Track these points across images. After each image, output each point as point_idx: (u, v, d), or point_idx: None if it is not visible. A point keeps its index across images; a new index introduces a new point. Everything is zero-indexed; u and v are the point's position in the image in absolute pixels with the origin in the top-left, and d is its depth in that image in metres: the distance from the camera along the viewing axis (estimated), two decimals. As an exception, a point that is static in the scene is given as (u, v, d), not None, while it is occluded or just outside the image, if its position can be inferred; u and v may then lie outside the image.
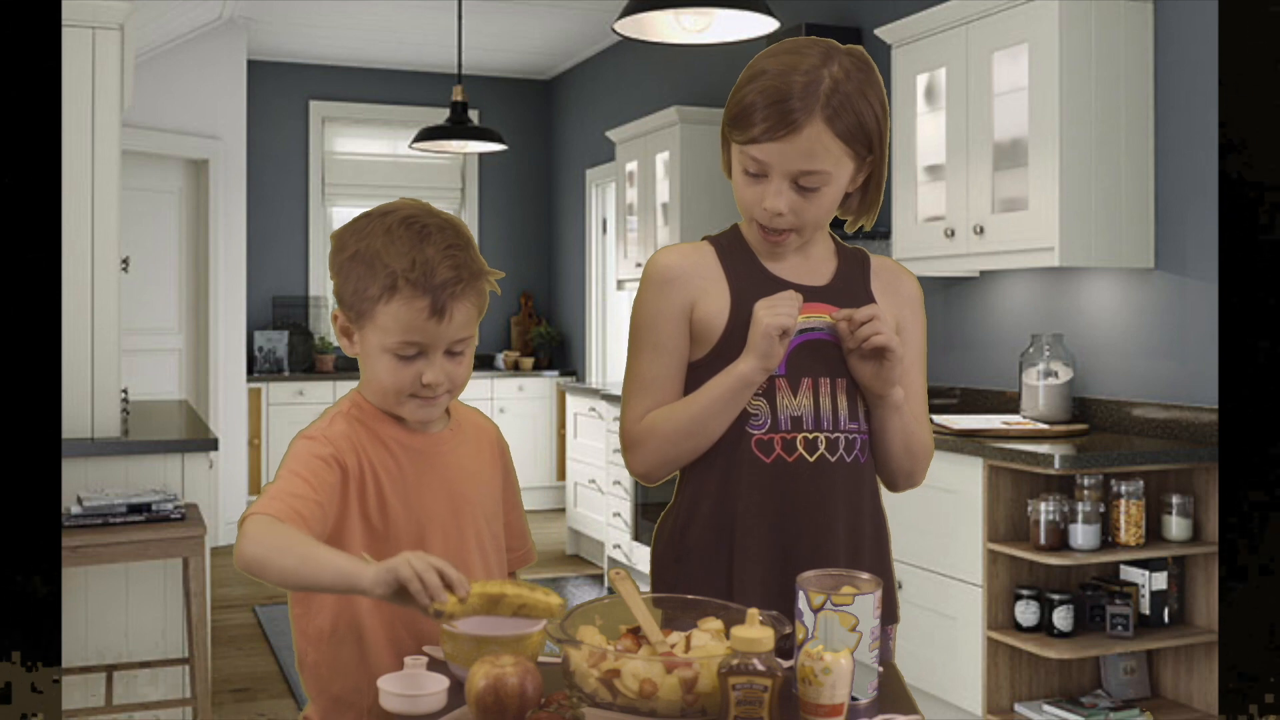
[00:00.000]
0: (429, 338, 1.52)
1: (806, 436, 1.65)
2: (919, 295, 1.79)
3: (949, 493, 3.52)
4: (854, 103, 1.60)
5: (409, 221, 1.53)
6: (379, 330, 1.52)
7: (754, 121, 1.60)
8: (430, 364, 1.53)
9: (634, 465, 1.72)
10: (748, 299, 1.66)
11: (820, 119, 1.59)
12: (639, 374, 1.72)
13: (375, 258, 1.51)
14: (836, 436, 1.66)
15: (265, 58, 7.97)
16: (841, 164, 1.63)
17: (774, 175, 1.62)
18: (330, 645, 1.54)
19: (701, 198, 5.83)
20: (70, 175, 3.75)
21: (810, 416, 1.65)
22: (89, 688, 3.71)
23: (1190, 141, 3.56)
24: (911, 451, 1.72)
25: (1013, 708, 3.41)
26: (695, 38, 3.02)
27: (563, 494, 8.02)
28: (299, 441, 1.52)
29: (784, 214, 1.63)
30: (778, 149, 1.60)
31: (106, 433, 3.81)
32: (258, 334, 7.74)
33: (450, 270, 1.51)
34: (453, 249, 1.53)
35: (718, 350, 1.67)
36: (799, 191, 1.62)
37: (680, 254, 1.73)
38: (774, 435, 1.64)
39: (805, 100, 1.58)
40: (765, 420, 1.65)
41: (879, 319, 1.61)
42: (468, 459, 1.64)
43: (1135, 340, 3.74)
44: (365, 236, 1.54)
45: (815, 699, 1.26)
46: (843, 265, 1.74)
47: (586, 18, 7.10)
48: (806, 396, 1.65)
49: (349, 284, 1.54)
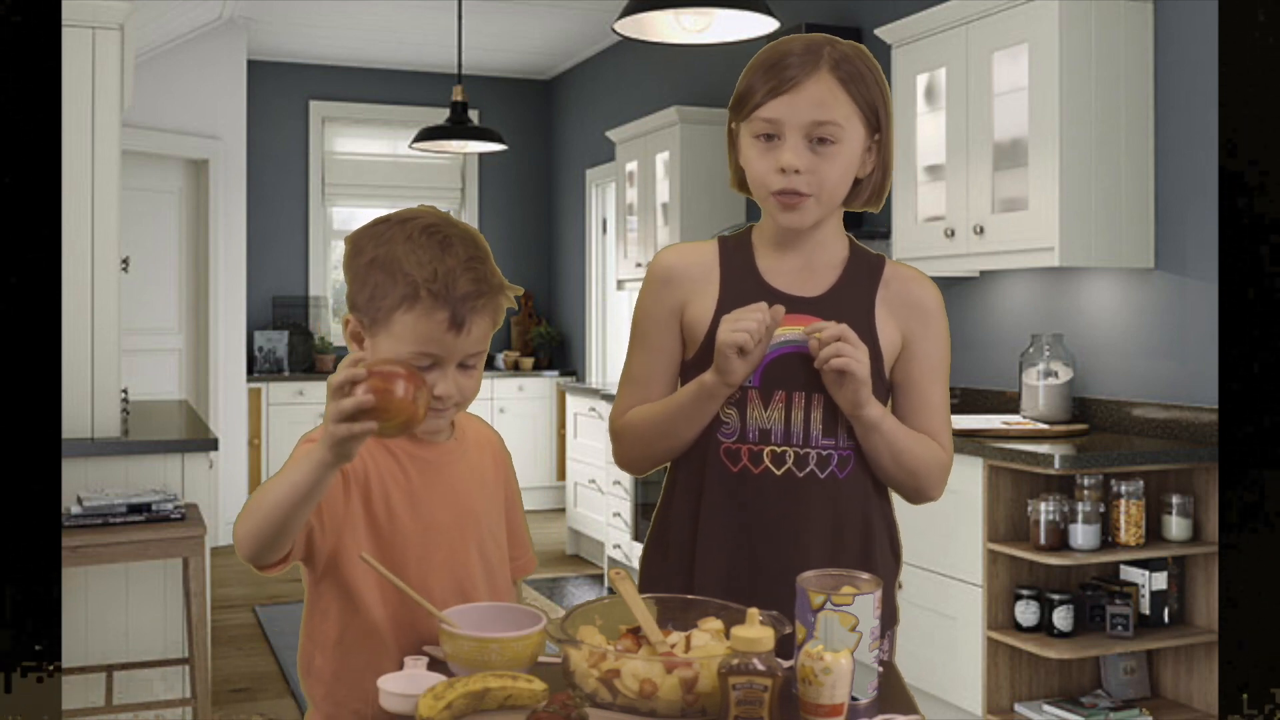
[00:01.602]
0: (445, 350, 1.50)
1: (774, 450, 1.64)
2: (935, 305, 1.73)
3: (949, 493, 3.50)
4: (862, 76, 1.62)
5: (431, 230, 1.51)
6: (393, 338, 1.49)
7: (755, 89, 1.61)
8: (443, 376, 1.51)
9: (615, 456, 1.78)
10: (733, 305, 1.65)
11: (829, 74, 1.60)
12: (629, 369, 1.76)
13: (395, 265, 1.48)
14: (806, 452, 1.64)
15: (265, 58, 7.97)
16: (853, 124, 1.61)
17: (787, 132, 1.60)
18: (337, 653, 1.53)
19: (701, 198, 5.83)
20: (70, 175, 3.75)
21: (779, 430, 1.64)
22: (89, 688, 3.71)
23: (1190, 141, 3.57)
24: (905, 468, 1.67)
25: (1013, 708, 3.41)
26: (695, 38, 3.02)
27: (563, 494, 8.02)
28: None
29: (801, 171, 1.60)
30: (786, 102, 1.59)
31: (106, 433, 3.81)
32: (258, 334, 7.74)
33: (471, 283, 1.49)
34: (473, 261, 1.51)
35: (701, 353, 1.68)
36: (814, 148, 1.60)
37: (681, 254, 1.74)
38: (741, 446, 1.65)
39: (805, 58, 1.60)
40: (735, 430, 1.65)
41: (845, 340, 1.57)
42: (472, 470, 1.64)
43: (1135, 340, 3.74)
44: (385, 242, 1.51)
45: (815, 699, 1.26)
46: (848, 273, 1.70)
47: (586, 18, 7.10)
48: (778, 410, 1.64)
49: (365, 290, 1.51)
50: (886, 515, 1.74)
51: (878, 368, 1.66)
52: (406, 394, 1.31)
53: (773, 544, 1.64)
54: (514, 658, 1.39)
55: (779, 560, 1.63)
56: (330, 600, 1.52)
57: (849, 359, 1.56)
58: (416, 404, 1.32)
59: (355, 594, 1.51)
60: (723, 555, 1.66)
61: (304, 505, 1.34)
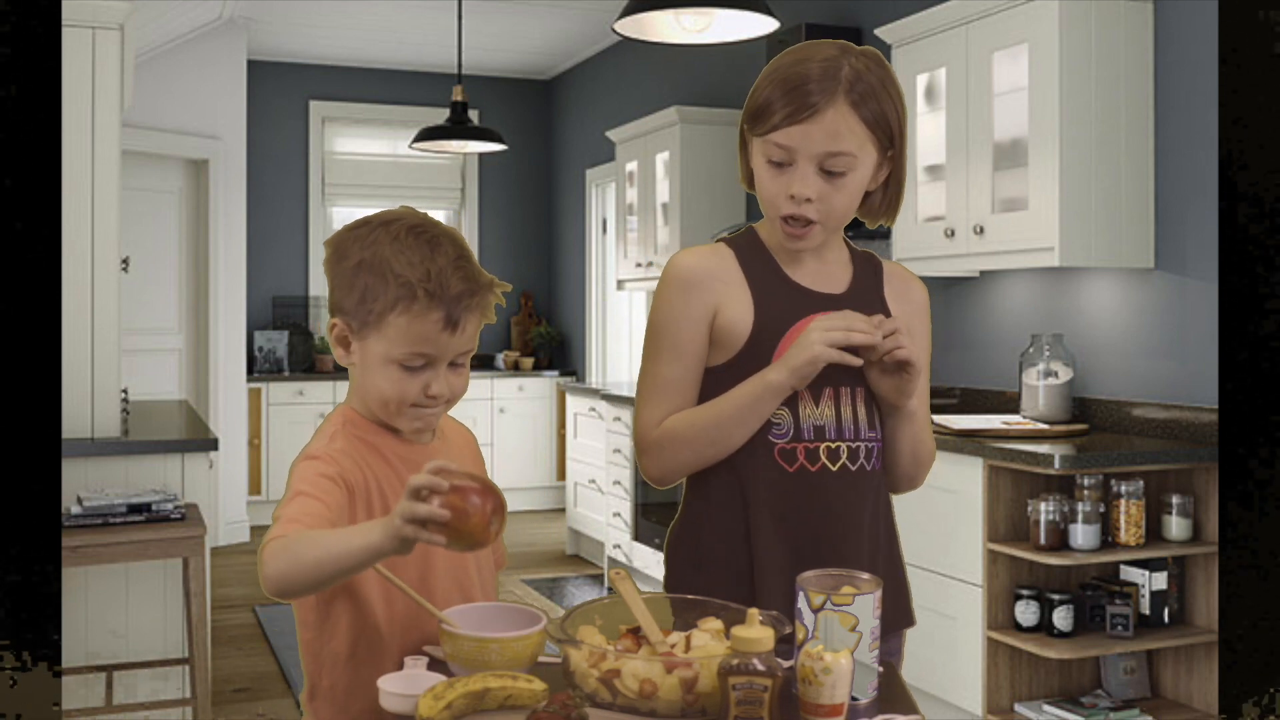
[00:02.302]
0: (439, 349, 1.50)
1: (830, 446, 1.65)
2: (926, 302, 1.79)
3: (949, 493, 3.52)
4: (876, 93, 1.61)
5: (417, 231, 1.51)
6: (385, 340, 1.49)
7: (774, 110, 1.60)
8: (436, 375, 1.52)
9: (650, 469, 1.71)
10: (769, 306, 1.66)
11: (844, 102, 1.59)
12: (657, 377, 1.70)
13: (385, 266, 1.48)
14: (858, 445, 1.66)
15: (265, 58, 7.97)
16: (865, 150, 1.62)
17: (800, 160, 1.60)
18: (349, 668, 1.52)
19: (701, 198, 5.83)
20: (70, 175, 3.75)
21: (833, 426, 1.65)
22: (89, 688, 3.71)
23: (1190, 141, 3.57)
24: (918, 458, 1.74)
25: (1013, 708, 3.41)
26: (695, 38, 3.02)
27: (563, 494, 8.02)
28: (302, 463, 1.49)
29: (812, 200, 1.61)
30: (801, 131, 1.59)
31: (106, 433, 3.81)
32: (258, 334, 7.74)
33: (462, 282, 1.49)
34: (461, 260, 1.51)
35: (740, 358, 1.66)
36: (825, 177, 1.61)
37: (700, 256, 1.71)
38: (797, 444, 1.64)
39: (824, 83, 1.58)
40: (788, 429, 1.64)
41: (902, 331, 1.60)
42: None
43: (1135, 340, 3.74)
44: (370, 245, 1.50)
45: (815, 699, 1.26)
46: (858, 271, 1.74)
47: (586, 18, 7.10)
48: (829, 405, 1.65)
49: (353, 293, 1.51)
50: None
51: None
52: (481, 518, 1.28)
53: (834, 538, 1.65)
54: (514, 658, 1.39)
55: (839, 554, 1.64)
56: (341, 614, 1.51)
57: (911, 350, 1.59)
58: (489, 530, 1.30)
59: (365, 603, 1.50)
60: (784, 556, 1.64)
61: (345, 574, 1.33)
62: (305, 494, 1.43)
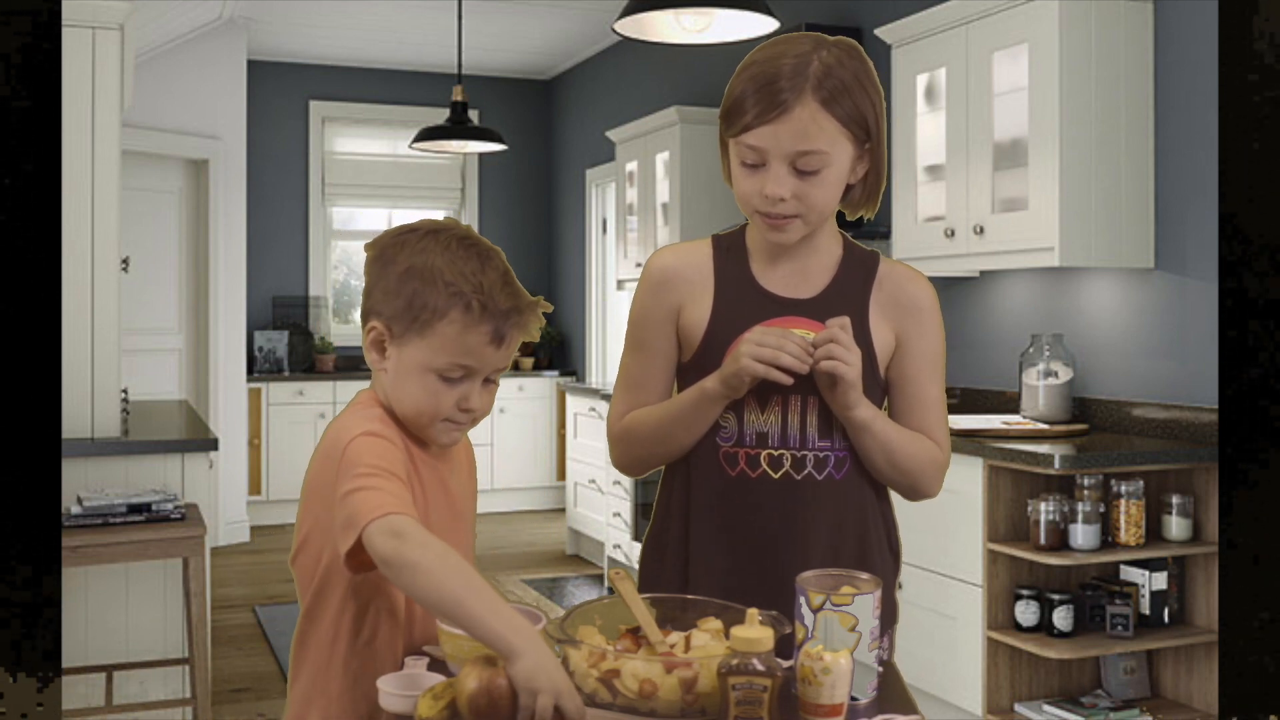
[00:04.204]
0: (481, 362, 1.50)
1: (771, 453, 1.64)
2: (930, 303, 1.71)
3: (949, 493, 3.52)
4: (848, 87, 1.58)
5: (466, 243, 1.51)
6: (428, 348, 1.49)
7: (745, 109, 1.58)
8: (474, 388, 1.52)
9: (615, 460, 1.77)
10: (727, 309, 1.66)
11: (813, 99, 1.56)
12: (626, 372, 1.76)
13: (436, 275, 1.47)
14: (804, 455, 1.64)
15: (265, 58, 7.97)
16: (839, 145, 1.59)
17: (771, 160, 1.58)
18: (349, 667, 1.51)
19: (701, 198, 5.83)
20: (70, 175, 3.74)
21: (776, 434, 1.64)
22: (89, 688, 3.71)
23: (1190, 141, 3.56)
24: (899, 467, 1.67)
25: (1013, 708, 3.41)
26: (695, 38, 3.02)
27: (563, 494, 8.02)
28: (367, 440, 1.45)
29: (786, 199, 1.59)
30: (770, 131, 1.57)
31: (106, 433, 3.81)
32: (258, 334, 7.73)
33: (510, 299, 1.50)
34: (508, 276, 1.53)
35: (697, 358, 1.68)
36: (799, 176, 1.59)
37: (676, 255, 1.73)
38: (739, 450, 1.65)
39: (794, 80, 1.56)
40: (733, 434, 1.65)
41: (837, 342, 1.56)
42: (460, 476, 1.65)
43: (1135, 340, 3.74)
44: (420, 251, 1.49)
45: (815, 699, 1.26)
46: (843, 274, 1.70)
47: (586, 18, 7.10)
48: (774, 413, 1.64)
49: (398, 298, 1.49)
50: (885, 515, 1.74)
51: (870, 368, 1.66)
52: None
53: (771, 547, 1.64)
54: (514, 658, 1.38)
55: (777, 562, 1.63)
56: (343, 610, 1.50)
57: (838, 361, 1.55)
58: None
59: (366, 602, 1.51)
60: (718, 558, 1.66)
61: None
62: (394, 474, 1.42)
